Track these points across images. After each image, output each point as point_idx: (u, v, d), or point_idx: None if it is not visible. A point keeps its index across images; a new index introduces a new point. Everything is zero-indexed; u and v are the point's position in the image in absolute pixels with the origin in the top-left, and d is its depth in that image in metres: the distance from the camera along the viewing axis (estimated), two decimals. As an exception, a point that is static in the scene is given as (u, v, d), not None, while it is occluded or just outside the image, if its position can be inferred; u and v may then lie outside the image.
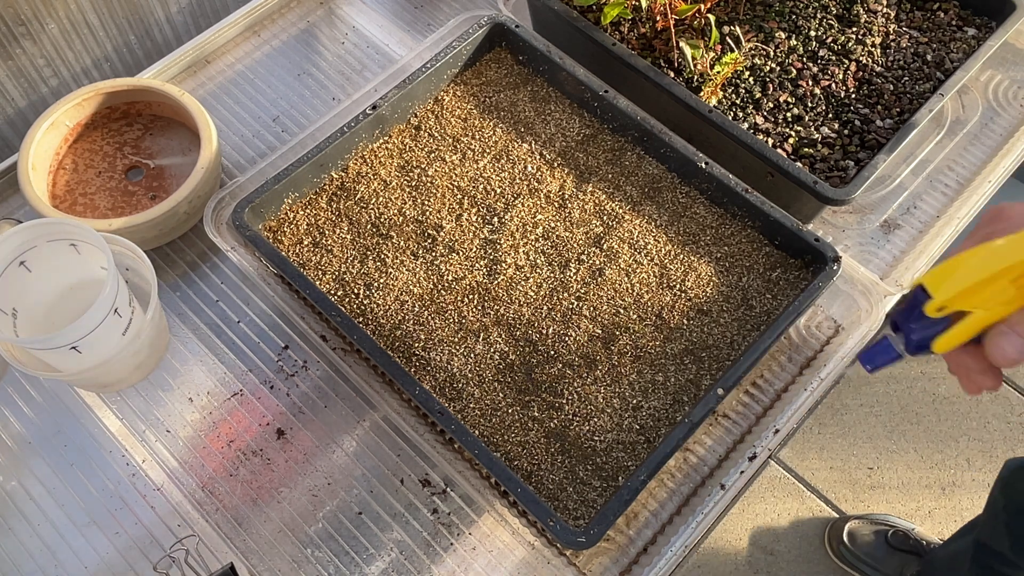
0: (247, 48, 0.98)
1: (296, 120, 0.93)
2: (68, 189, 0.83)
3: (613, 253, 0.76)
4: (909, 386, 1.68)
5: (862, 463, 1.60)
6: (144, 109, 0.87)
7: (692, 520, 0.67)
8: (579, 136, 0.83)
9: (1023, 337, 0.36)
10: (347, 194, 0.79)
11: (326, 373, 0.78)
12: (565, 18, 0.85)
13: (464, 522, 0.72)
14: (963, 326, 0.39)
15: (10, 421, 0.76)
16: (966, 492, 1.57)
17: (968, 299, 0.38)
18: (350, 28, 1.00)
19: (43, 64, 0.89)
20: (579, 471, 0.67)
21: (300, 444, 0.75)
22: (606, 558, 0.69)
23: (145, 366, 0.76)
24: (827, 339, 0.80)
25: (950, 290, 0.38)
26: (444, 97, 0.85)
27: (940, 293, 0.38)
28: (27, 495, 0.73)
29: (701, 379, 0.71)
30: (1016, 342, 0.36)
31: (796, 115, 0.83)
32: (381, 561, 0.70)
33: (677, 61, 0.84)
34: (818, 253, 0.73)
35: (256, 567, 0.69)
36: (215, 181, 0.82)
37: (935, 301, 0.38)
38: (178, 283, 0.82)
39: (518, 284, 0.75)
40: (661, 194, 0.80)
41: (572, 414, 0.69)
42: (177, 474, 0.73)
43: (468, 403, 0.69)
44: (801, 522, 1.54)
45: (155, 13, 0.96)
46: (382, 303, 0.74)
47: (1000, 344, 0.36)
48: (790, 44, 0.87)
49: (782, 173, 0.76)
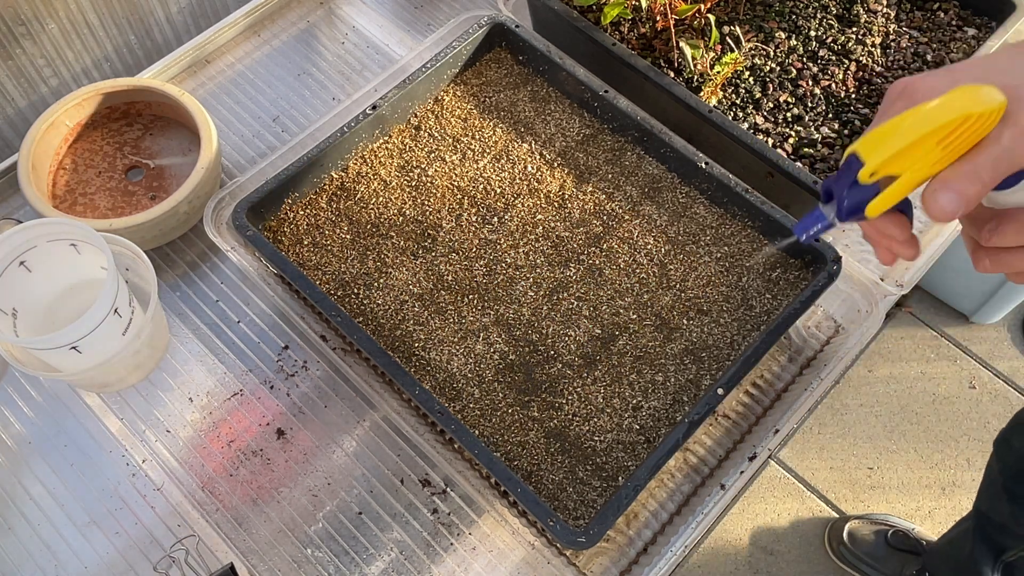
0: (247, 48, 0.98)
1: (296, 120, 0.93)
2: (68, 189, 0.83)
3: (613, 253, 0.76)
4: (909, 386, 1.68)
5: (862, 463, 1.60)
6: (144, 109, 0.87)
7: (692, 520, 0.67)
8: (579, 136, 0.83)
9: (957, 192, 0.38)
10: (347, 194, 0.79)
11: (326, 373, 0.78)
12: (565, 18, 0.85)
13: (464, 522, 0.72)
14: (893, 189, 0.41)
15: (10, 421, 0.76)
16: (966, 492, 1.57)
17: (898, 163, 0.40)
18: (350, 28, 1.00)
19: (43, 64, 0.89)
20: (579, 471, 0.67)
21: (300, 444, 0.75)
22: (606, 558, 0.69)
23: (145, 366, 0.76)
24: (827, 339, 0.80)
25: (882, 155, 0.40)
26: (444, 97, 0.85)
27: (872, 158, 0.40)
28: (27, 495, 0.73)
29: (701, 379, 0.71)
30: (952, 197, 0.38)
31: (796, 115, 0.83)
32: (381, 561, 0.70)
33: (677, 61, 0.84)
34: (818, 253, 0.73)
35: (256, 567, 0.69)
36: (215, 181, 0.82)
37: (867, 167, 0.41)
38: (178, 283, 0.82)
39: (518, 284, 0.75)
40: (661, 194, 0.80)
41: (572, 414, 0.69)
42: (177, 474, 0.73)
43: (468, 403, 0.69)
44: (801, 522, 1.54)
45: (155, 13, 0.96)
46: (382, 303, 0.74)
47: (938, 199, 0.39)
48: (790, 44, 0.87)
49: (782, 173, 0.76)
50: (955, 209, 0.39)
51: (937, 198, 0.39)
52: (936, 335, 1.74)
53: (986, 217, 0.43)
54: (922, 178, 0.40)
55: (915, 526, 1.50)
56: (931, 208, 0.39)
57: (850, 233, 0.86)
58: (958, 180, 0.38)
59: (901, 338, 1.74)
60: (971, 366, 1.71)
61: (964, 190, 0.38)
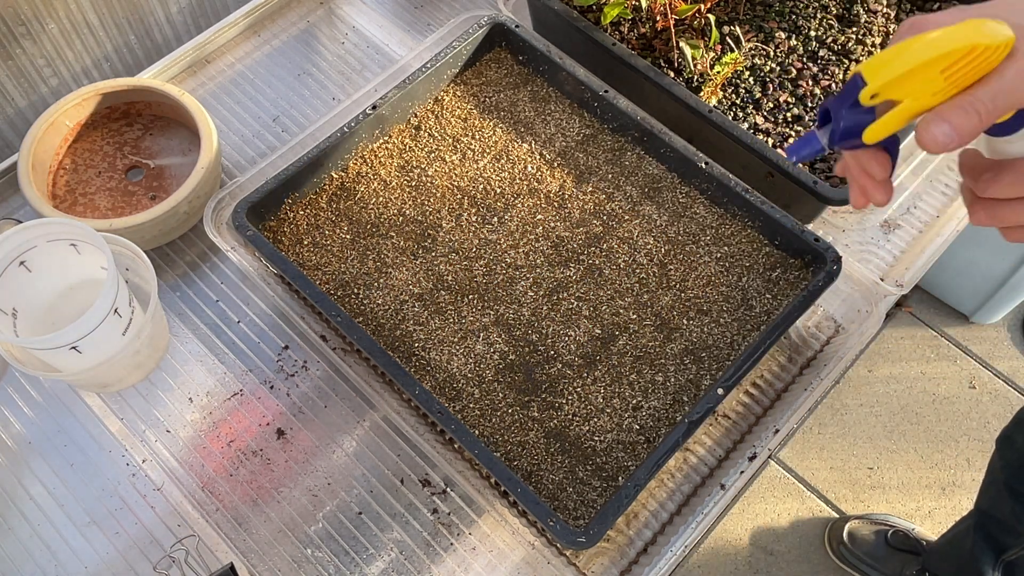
0: (247, 48, 0.98)
1: (296, 120, 0.93)
2: (68, 189, 0.83)
3: (613, 253, 0.76)
4: (909, 386, 1.68)
5: (862, 463, 1.60)
6: (144, 109, 0.87)
7: (692, 520, 0.67)
8: (579, 136, 0.83)
9: (953, 124, 0.38)
10: (347, 194, 0.79)
11: (326, 373, 0.78)
12: (565, 18, 0.85)
13: (464, 522, 0.72)
14: (891, 116, 0.41)
15: (10, 421, 0.76)
16: (966, 492, 1.57)
17: (900, 87, 0.40)
18: (350, 28, 1.00)
19: (43, 64, 0.89)
20: (579, 471, 0.67)
21: (300, 444, 0.75)
22: (606, 558, 0.69)
23: (145, 366, 0.76)
24: (827, 339, 0.80)
25: (885, 76, 0.40)
26: (444, 97, 0.85)
27: (875, 79, 0.40)
28: (27, 495, 0.73)
29: (701, 379, 0.71)
30: (946, 129, 0.38)
31: (796, 115, 0.83)
32: (381, 561, 0.70)
33: (677, 61, 0.84)
34: (818, 253, 0.73)
35: (256, 567, 0.69)
36: (215, 181, 0.82)
37: (870, 87, 0.41)
38: (178, 283, 0.82)
39: (518, 284, 0.75)
40: (661, 194, 0.80)
41: (572, 414, 0.69)
42: (177, 474, 0.73)
43: (468, 403, 0.69)
44: (801, 522, 1.54)
45: (155, 13, 0.96)
46: (382, 303, 0.74)
47: (931, 130, 0.39)
48: (790, 44, 0.87)
49: (782, 173, 0.76)
50: (947, 141, 0.38)
51: (931, 128, 0.39)
52: (936, 335, 1.74)
53: (985, 167, 0.43)
54: (922, 108, 0.40)
55: (915, 526, 1.50)
56: (924, 137, 0.39)
57: (850, 233, 0.86)
58: (954, 112, 0.38)
59: (901, 338, 1.74)
60: (971, 366, 1.71)
61: (960, 123, 0.38)
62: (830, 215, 0.87)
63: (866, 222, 0.87)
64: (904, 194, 0.89)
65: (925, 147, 0.39)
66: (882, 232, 0.86)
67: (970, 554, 1.18)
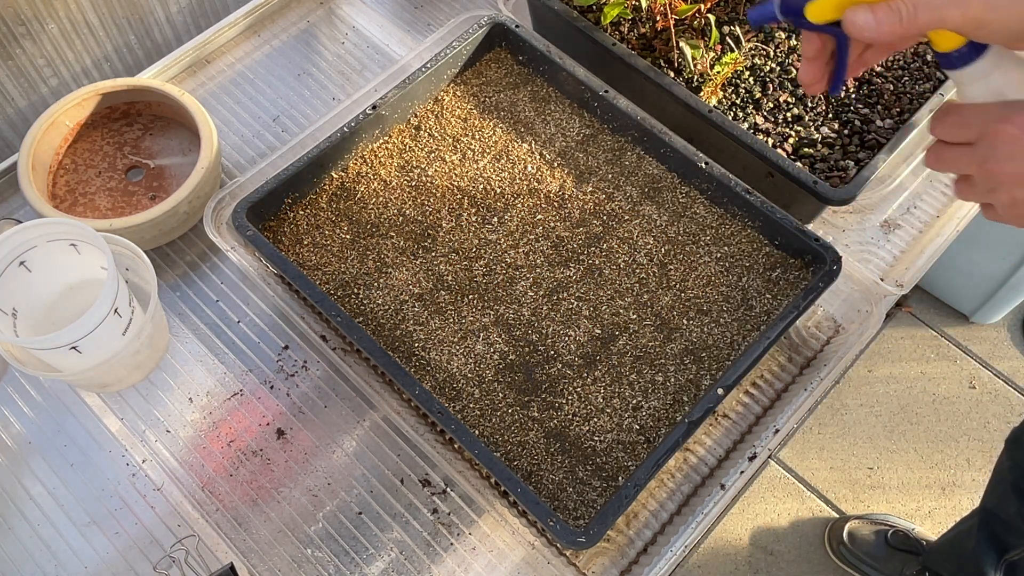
0: (247, 48, 0.98)
1: (296, 120, 0.93)
2: (68, 189, 0.83)
3: (613, 253, 0.76)
4: (909, 386, 1.68)
5: (862, 463, 1.60)
6: (144, 109, 0.87)
7: (692, 520, 0.67)
8: (579, 136, 0.83)
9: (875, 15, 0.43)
10: (347, 194, 0.79)
11: (326, 373, 0.78)
12: (565, 18, 0.85)
13: (464, 522, 0.72)
14: None
15: (10, 421, 0.76)
16: (966, 492, 1.57)
17: None
18: (350, 28, 1.00)
19: (43, 64, 0.89)
20: (579, 471, 0.67)
21: (300, 444, 0.75)
22: (606, 558, 0.69)
23: (145, 366, 0.76)
24: (827, 339, 0.80)
25: None
26: (444, 97, 0.85)
27: None
28: (27, 495, 0.73)
29: (701, 379, 0.71)
30: (868, 18, 0.43)
31: (796, 115, 0.83)
32: (381, 561, 0.70)
33: (677, 61, 0.84)
34: (818, 253, 0.73)
35: (256, 567, 0.69)
36: (215, 181, 0.82)
37: None
38: (178, 283, 0.82)
39: (518, 284, 0.75)
40: (661, 194, 0.80)
41: (572, 414, 0.69)
42: (177, 474, 0.73)
43: (468, 403, 0.69)
44: (801, 522, 1.54)
45: (155, 13, 0.96)
46: (382, 303, 0.74)
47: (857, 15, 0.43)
48: (790, 44, 0.87)
49: (782, 173, 0.76)
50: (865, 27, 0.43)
51: (857, 13, 0.44)
52: (936, 335, 1.74)
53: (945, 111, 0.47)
54: None
55: (915, 526, 1.50)
56: (847, 19, 0.44)
57: (850, 233, 0.86)
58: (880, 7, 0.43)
59: (901, 338, 1.74)
60: (971, 366, 1.71)
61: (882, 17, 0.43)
62: (830, 215, 0.87)
63: (866, 222, 0.87)
64: (904, 194, 0.89)
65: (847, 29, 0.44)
66: (882, 232, 0.86)
67: (972, 554, 1.18)
